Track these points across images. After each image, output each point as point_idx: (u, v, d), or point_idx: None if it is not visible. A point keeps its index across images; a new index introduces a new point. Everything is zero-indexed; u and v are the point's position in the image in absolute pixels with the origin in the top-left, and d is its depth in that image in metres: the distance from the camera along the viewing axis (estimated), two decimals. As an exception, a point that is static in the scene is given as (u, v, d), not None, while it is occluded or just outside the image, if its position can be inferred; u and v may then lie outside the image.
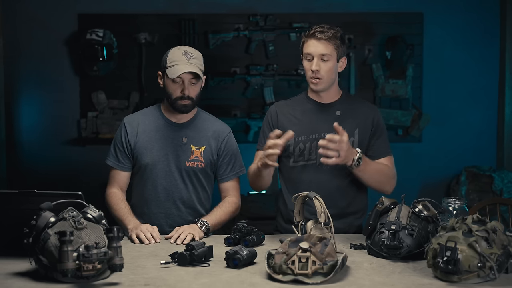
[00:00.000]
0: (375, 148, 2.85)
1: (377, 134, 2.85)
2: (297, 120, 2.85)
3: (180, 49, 2.84)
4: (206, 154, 2.90)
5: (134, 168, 2.92)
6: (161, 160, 2.87)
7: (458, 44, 5.19)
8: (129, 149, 2.89)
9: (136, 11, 5.08)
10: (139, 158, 2.88)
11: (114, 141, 2.93)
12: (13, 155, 5.11)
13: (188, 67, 2.78)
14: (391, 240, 2.24)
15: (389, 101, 5.17)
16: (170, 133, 2.90)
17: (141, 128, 2.90)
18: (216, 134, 2.94)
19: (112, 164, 2.91)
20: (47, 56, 5.09)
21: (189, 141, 2.89)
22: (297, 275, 1.94)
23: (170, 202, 2.89)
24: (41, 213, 2.02)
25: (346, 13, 5.11)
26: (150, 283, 1.96)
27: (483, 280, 1.94)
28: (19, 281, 1.99)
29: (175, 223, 2.84)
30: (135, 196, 2.95)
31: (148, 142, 2.88)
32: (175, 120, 2.91)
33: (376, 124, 2.86)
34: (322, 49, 2.72)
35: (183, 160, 2.88)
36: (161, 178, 2.88)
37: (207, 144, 2.91)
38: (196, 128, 2.93)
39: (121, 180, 2.92)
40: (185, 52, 2.82)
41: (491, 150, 5.24)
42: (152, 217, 2.87)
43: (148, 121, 2.92)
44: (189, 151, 2.89)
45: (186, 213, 2.91)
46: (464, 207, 2.39)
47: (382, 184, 2.81)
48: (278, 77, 5.12)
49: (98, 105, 5.09)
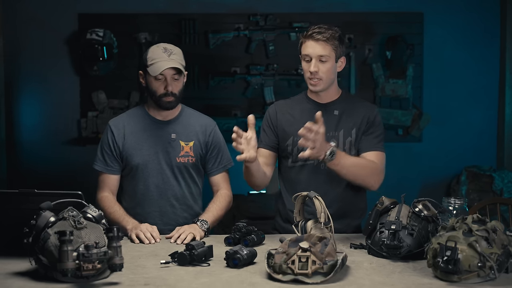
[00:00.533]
0: (363, 142, 2.80)
1: (370, 129, 2.81)
2: (296, 120, 2.84)
3: (159, 46, 2.86)
4: (196, 148, 2.93)
5: (124, 170, 2.92)
6: (152, 158, 2.88)
7: (458, 43, 5.19)
8: (117, 151, 2.89)
9: (136, 10, 5.08)
10: (129, 159, 2.88)
11: (101, 145, 2.92)
12: (13, 155, 5.11)
13: (169, 63, 2.79)
14: (391, 239, 2.24)
15: (389, 101, 5.17)
16: (158, 131, 2.91)
17: (128, 130, 2.91)
18: (203, 128, 2.97)
19: (100, 168, 2.90)
20: (47, 56, 5.08)
21: (178, 137, 2.91)
22: (297, 275, 1.94)
23: (164, 200, 2.90)
24: (41, 213, 2.02)
25: (346, 12, 5.11)
26: (150, 283, 1.96)
27: (483, 280, 1.94)
28: (19, 281, 1.99)
29: (170, 221, 2.87)
30: (127, 198, 2.94)
31: (137, 143, 2.89)
32: (161, 118, 2.93)
33: (371, 122, 2.82)
34: (320, 50, 2.70)
35: (174, 157, 2.89)
36: (153, 177, 2.89)
37: (196, 139, 2.93)
38: (183, 124, 2.94)
39: (111, 184, 2.91)
40: (165, 49, 2.83)
41: (492, 150, 5.24)
42: (146, 217, 2.86)
43: (134, 122, 2.93)
44: (178, 147, 2.90)
45: (181, 209, 2.93)
46: (464, 206, 2.39)
47: (364, 178, 2.72)
48: (278, 77, 5.12)
49: (98, 105, 5.09)
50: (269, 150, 2.88)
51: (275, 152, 2.89)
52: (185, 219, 2.91)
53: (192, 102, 5.21)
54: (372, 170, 2.74)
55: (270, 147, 2.88)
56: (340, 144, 2.79)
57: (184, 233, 2.61)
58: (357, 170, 2.69)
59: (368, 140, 2.80)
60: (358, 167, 2.69)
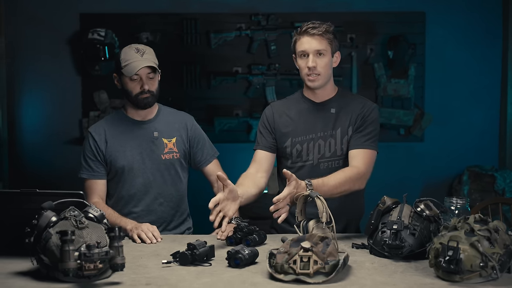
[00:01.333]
0: (353, 139, 2.76)
1: (363, 126, 2.77)
2: (293, 121, 2.84)
3: (131, 47, 2.88)
4: (179, 144, 2.96)
5: (108, 174, 2.93)
6: (136, 159, 2.90)
7: (460, 43, 5.19)
8: (101, 156, 2.90)
9: (138, 10, 5.08)
10: (113, 163, 2.89)
11: (84, 153, 2.93)
12: (15, 154, 5.11)
13: (143, 62, 2.82)
14: (393, 239, 2.23)
15: (391, 101, 5.16)
16: (139, 131, 2.93)
17: (109, 134, 2.93)
18: (183, 124, 3.01)
19: (87, 176, 2.91)
20: (49, 56, 5.09)
21: (160, 135, 2.94)
22: (298, 275, 1.94)
23: (151, 199, 2.93)
24: (43, 213, 2.02)
25: (348, 12, 5.11)
26: (151, 283, 1.96)
27: (485, 279, 1.94)
28: (20, 281, 1.99)
29: (159, 219, 2.92)
30: (113, 201, 2.95)
31: (120, 145, 2.91)
32: (140, 119, 2.95)
33: (365, 118, 2.77)
34: (316, 44, 2.70)
35: (159, 155, 2.92)
36: (139, 177, 2.91)
37: (178, 135, 2.97)
38: (163, 122, 2.98)
39: (99, 189, 2.92)
40: (137, 49, 2.86)
41: (493, 150, 5.23)
42: (135, 217, 2.86)
43: (114, 126, 2.95)
44: (162, 144, 2.93)
45: (168, 207, 2.96)
46: (466, 206, 2.39)
47: (349, 189, 2.65)
48: (280, 77, 5.12)
49: (100, 105, 5.09)
50: (266, 152, 2.88)
51: (273, 153, 2.89)
52: (173, 216, 2.97)
53: (193, 102, 5.24)
54: (354, 179, 2.66)
55: (268, 148, 2.88)
56: (337, 143, 2.78)
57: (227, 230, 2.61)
58: (340, 188, 2.61)
59: (357, 138, 2.76)
60: (340, 186, 2.60)
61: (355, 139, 2.77)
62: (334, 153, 2.79)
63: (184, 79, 5.07)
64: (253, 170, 2.83)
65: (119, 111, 3.01)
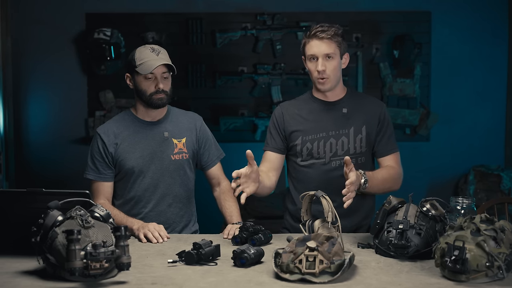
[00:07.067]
0: (382, 145, 2.85)
1: (383, 129, 2.85)
2: (304, 119, 2.85)
3: (146, 47, 2.88)
4: (188, 144, 2.95)
5: (117, 175, 2.92)
6: (146, 160, 2.89)
7: (466, 43, 5.17)
8: (109, 158, 2.88)
9: (143, 10, 5.09)
10: (122, 164, 2.88)
11: (91, 154, 2.91)
12: (21, 154, 5.13)
13: (159, 61, 2.82)
14: (399, 239, 2.23)
15: (397, 100, 5.16)
16: (150, 132, 2.92)
17: (118, 135, 2.91)
18: (192, 124, 3.01)
19: (93, 177, 2.90)
20: (54, 56, 5.09)
21: (170, 135, 2.94)
22: (304, 274, 1.94)
23: (160, 200, 2.92)
24: (49, 212, 2.02)
25: (354, 11, 5.11)
26: (157, 282, 1.96)
27: (491, 279, 1.93)
28: (26, 280, 2.00)
29: (168, 220, 2.90)
30: (122, 202, 2.94)
31: (129, 146, 2.89)
32: (150, 119, 2.94)
33: (383, 120, 2.86)
34: (325, 48, 2.72)
35: (168, 155, 2.91)
36: (148, 178, 2.90)
37: (187, 135, 2.96)
38: (173, 122, 2.97)
39: (106, 191, 2.90)
40: (152, 49, 2.86)
41: (499, 149, 5.22)
42: (144, 218, 2.86)
43: (123, 127, 2.93)
44: (172, 145, 2.92)
45: (177, 208, 2.95)
46: (472, 206, 2.39)
47: (390, 188, 2.81)
48: (286, 76, 5.12)
49: (106, 104, 5.10)
50: (276, 153, 2.88)
51: (282, 154, 2.90)
52: (181, 217, 2.95)
53: (199, 102, 5.24)
54: (395, 178, 2.82)
55: (277, 150, 2.88)
56: (350, 142, 2.80)
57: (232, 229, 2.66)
58: (385, 185, 2.77)
59: (383, 143, 2.85)
60: (385, 182, 2.77)
61: (382, 144, 2.85)
62: (347, 151, 2.80)
63: (190, 79, 5.07)
64: (265, 168, 2.83)
65: (127, 111, 3.00)
